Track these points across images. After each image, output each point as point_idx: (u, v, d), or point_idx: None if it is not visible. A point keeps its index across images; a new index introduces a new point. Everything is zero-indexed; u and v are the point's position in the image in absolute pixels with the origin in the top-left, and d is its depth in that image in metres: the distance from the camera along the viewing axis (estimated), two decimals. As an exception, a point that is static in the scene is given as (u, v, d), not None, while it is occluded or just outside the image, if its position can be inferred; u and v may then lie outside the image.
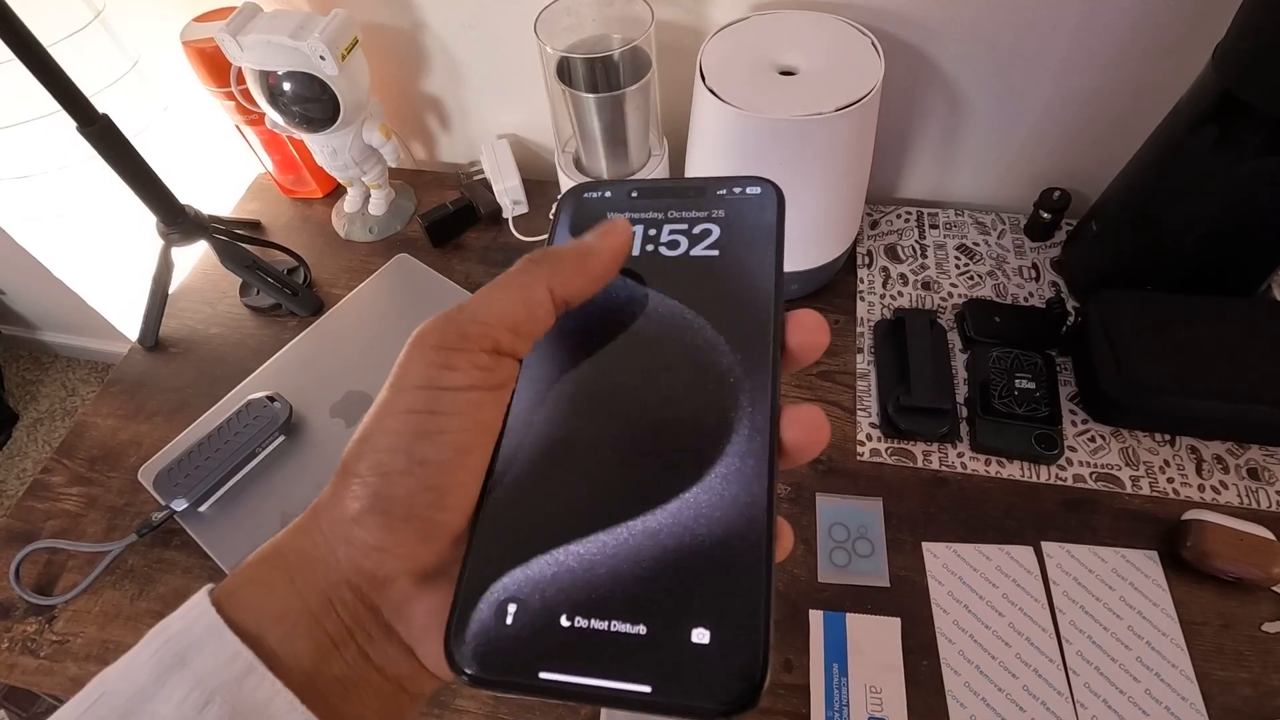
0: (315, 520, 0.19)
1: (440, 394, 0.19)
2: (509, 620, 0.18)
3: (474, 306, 0.20)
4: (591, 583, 0.18)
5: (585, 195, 0.25)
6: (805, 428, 0.20)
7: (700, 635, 0.16)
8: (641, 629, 0.17)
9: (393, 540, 0.18)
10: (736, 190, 0.24)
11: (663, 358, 0.21)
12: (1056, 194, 0.69)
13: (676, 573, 0.18)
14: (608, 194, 0.25)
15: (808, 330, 0.21)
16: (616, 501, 0.19)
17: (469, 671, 0.17)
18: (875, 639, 0.51)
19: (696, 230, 0.23)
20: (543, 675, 0.17)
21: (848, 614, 0.52)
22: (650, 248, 0.23)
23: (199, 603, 0.18)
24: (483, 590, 0.18)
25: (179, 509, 0.56)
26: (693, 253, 0.23)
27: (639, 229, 0.24)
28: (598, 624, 0.17)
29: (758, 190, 0.24)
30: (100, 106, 0.58)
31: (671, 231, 0.23)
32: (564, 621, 0.17)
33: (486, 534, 0.19)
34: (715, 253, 0.23)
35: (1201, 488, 0.56)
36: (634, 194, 0.25)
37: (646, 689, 0.16)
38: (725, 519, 0.18)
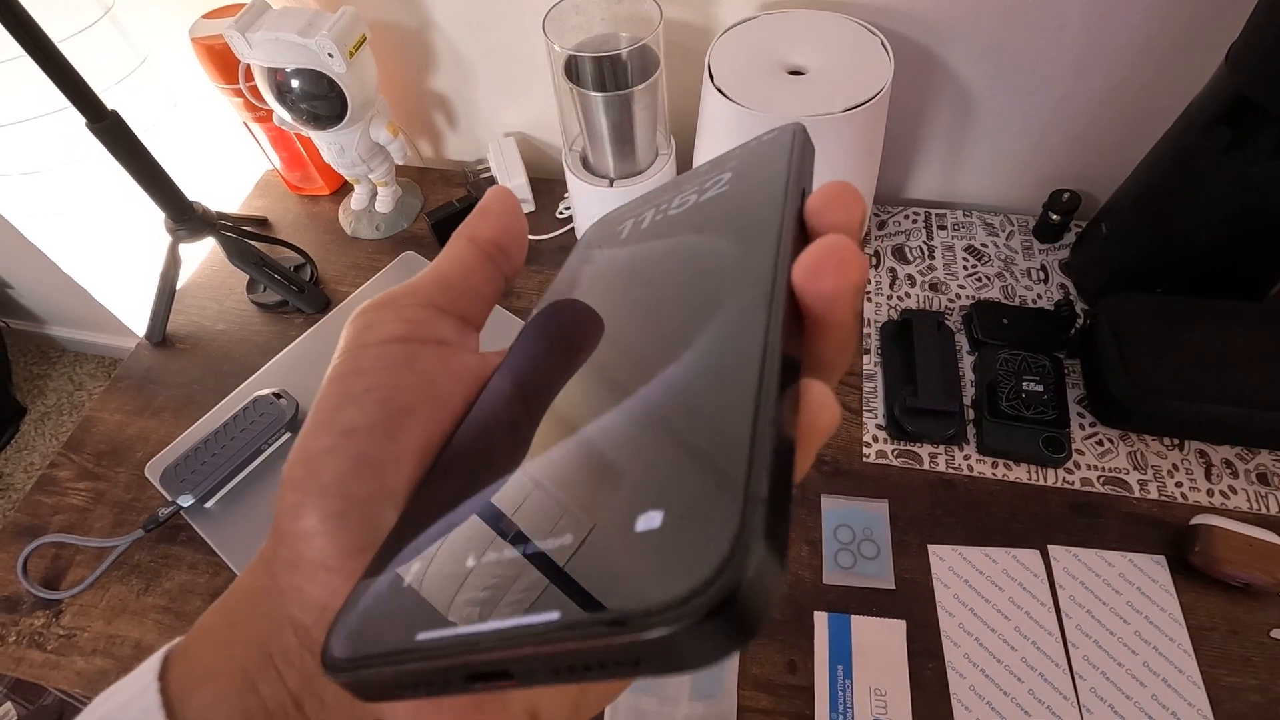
0: (270, 545, 0.16)
1: (362, 351, 0.16)
2: (407, 580, 0.13)
3: (415, 278, 0.19)
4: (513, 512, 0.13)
5: (606, 217, 0.23)
6: (821, 252, 0.13)
7: (648, 520, 0.11)
8: (566, 539, 0.11)
9: (336, 549, 0.14)
10: (752, 143, 0.20)
11: (649, 288, 0.17)
12: (1066, 195, 0.69)
13: (625, 458, 0.12)
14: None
15: (833, 201, 0.15)
16: (571, 428, 0.14)
17: (335, 654, 0.13)
18: (880, 641, 0.50)
19: (709, 184, 0.20)
20: (419, 637, 0.12)
21: (852, 616, 0.52)
22: (658, 216, 0.20)
23: (143, 675, 0.15)
24: (390, 558, 0.14)
25: (185, 505, 0.57)
26: (701, 199, 0.19)
27: (651, 210, 0.21)
28: (505, 554, 0.12)
29: (775, 133, 0.20)
30: (109, 103, 0.58)
31: (682, 197, 0.20)
32: (470, 561, 0.12)
33: (414, 507, 0.15)
34: (725, 189, 0.19)
35: (1210, 492, 0.55)
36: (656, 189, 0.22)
37: (555, 615, 0.10)
38: (705, 369, 0.13)
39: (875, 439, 0.60)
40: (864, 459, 0.59)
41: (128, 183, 0.63)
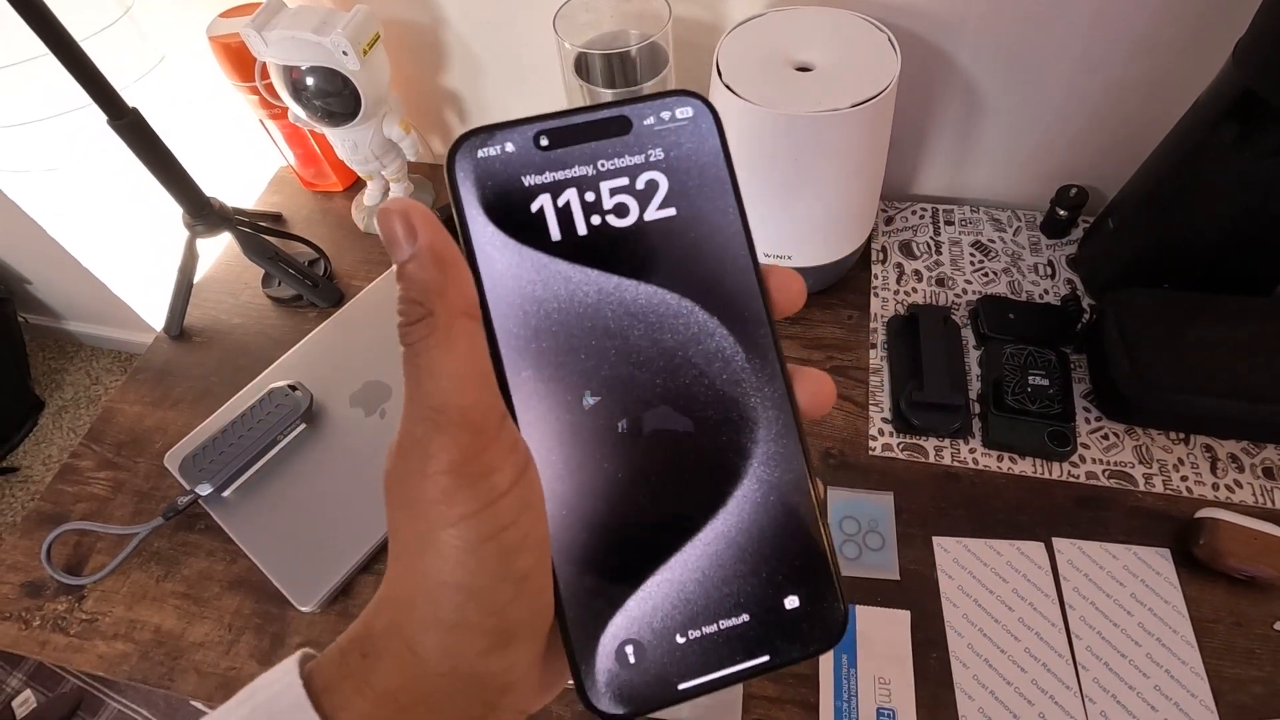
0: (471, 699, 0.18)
1: (499, 504, 0.17)
2: (632, 660, 0.19)
3: (439, 395, 0.17)
4: (687, 599, 0.20)
5: (481, 155, 0.19)
6: (811, 390, 0.21)
7: (792, 602, 0.20)
8: (745, 617, 0.20)
9: (511, 657, 0.18)
10: (665, 116, 0.20)
11: (663, 356, 0.20)
12: (1073, 191, 0.69)
13: (755, 561, 0.20)
14: (509, 147, 0.19)
15: (787, 288, 0.21)
16: (677, 519, 0.20)
17: (619, 712, 0.19)
18: (885, 631, 0.51)
19: (641, 184, 0.20)
20: (682, 687, 0.19)
21: (858, 606, 0.52)
22: (597, 220, 0.19)
23: (288, 671, 0.18)
24: (594, 645, 0.19)
25: (203, 494, 0.58)
26: (647, 217, 0.20)
27: (572, 194, 0.19)
28: (708, 629, 0.19)
29: (689, 112, 0.20)
30: (129, 100, 0.60)
31: (613, 191, 0.19)
32: (679, 639, 0.19)
33: (572, 592, 0.19)
34: (672, 211, 0.20)
35: (1215, 486, 0.55)
36: (543, 141, 0.19)
37: (766, 658, 0.19)
38: (780, 500, 0.20)
39: (881, 432, 0.61)
40: (870, 452, 0.60)
41: (145, 179, 0.64)
